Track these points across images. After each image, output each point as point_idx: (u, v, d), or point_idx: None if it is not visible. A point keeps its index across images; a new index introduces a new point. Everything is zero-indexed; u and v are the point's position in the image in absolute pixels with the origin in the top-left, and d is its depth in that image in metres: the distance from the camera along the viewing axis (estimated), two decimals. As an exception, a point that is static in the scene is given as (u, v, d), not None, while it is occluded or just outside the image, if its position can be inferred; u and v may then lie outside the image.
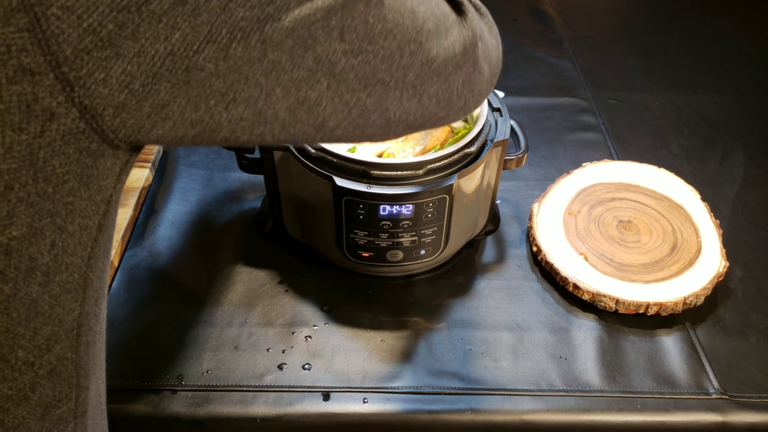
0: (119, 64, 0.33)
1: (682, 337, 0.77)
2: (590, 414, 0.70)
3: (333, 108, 0.41)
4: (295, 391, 0.70)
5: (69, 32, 0.31)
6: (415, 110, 0.46)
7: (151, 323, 0.77)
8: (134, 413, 0.68)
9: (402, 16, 0.42)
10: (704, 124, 1.12)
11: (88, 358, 0.43)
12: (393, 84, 0.43)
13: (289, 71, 0.38)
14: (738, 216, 0.94)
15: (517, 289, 0.82)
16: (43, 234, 0.35)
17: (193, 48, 0.34)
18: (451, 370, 0.73)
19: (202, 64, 0.35)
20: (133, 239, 0.87)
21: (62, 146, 0.34)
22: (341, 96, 0.41)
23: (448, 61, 0.46)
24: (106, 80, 0.33)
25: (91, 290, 0.41)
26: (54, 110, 0.32)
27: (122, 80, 0.33)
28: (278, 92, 0.38)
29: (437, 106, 0.48)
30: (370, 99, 0.42)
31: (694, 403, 0.71)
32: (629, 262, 0.82)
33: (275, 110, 0.39)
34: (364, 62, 0.40)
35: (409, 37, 0.43)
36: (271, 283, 0.82)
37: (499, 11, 1.42)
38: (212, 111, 0.37)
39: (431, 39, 0.45)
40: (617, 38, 1.37)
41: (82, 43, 0.31)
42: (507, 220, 0.91)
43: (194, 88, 0.35)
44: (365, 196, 0.69)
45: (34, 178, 0.33)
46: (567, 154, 1.04)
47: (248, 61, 0.36)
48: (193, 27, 0.34)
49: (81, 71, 0.32)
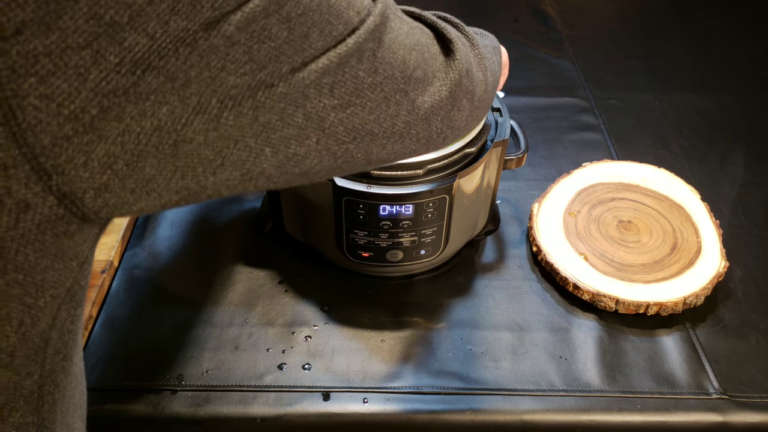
0: (101, 146, 0.30)
1: (682, 337, 0.77)
2: (590, 414, 0.70)
3: (320, 159, 0.40)
4: (295, 391, 0.70)
5: (47, 121, 0.28)
6: (397, 151, 0.46)
7: (151, 323, 0.77)
8: (134, 413, 0.68)
9: (392, 67, 0.42)
10: (704, 124, 1.12)
11: (54, 416, 0.40)
12: (381, 134, 0.43)
13: (279, 130, 0.37)
14: (738, 216, 0.94)
15: (517, 289, 0.82)
16: (10, 317, 0.33)
17: (181, 121, 0.32)
18: (451, 370, 0.73)
19: (190, 137, 0.33)
20: (133, 239, 0.87)
21: (37, 234, 0.31)
22: (329, 149, 0.40)
23: (434, 106, 0.46)
24: (87, 164, 0.30)
25: (51, 346, 0.38)
26: (29, 201, 0.30)
27: (105, 162, 0.31)
28: (267, 152, 0.37)
29: (417, 144, 0.48)
30: (358, 149, 0.42)
31: (694, 403, 0.71)
32: (629, 262, 0.82)
33: (262, 168, 0.38)
34: (352, 115, 0.40)
35: (397, 88, 0.42)
36: (271, 283, 0.82)
37: (500, 11, 1.43)
38: (199, 178, 0.35)
39: (418, 87, 0.44)
40: (617, 38, 1.37)
41: (61, 131, 0.29)
42: (507, 220, 0.91)
43: (181, 159, 0.33)
44: (365, 196, 0.69)
45: (4, 270, 0.31)
46: (567, 154, 1.04)
47: (239, 127, 0.35)
48: (181, 100, 0.32)
49: (59, 158, 0.30)
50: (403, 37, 0.44)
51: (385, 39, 0.41)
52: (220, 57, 0.32)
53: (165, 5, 0.30)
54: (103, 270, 0.80)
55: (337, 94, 0.38)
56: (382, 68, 0.41)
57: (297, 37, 0.35)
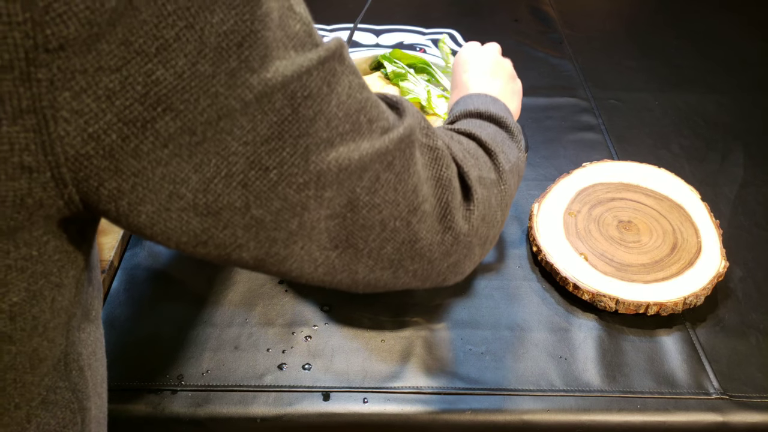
0: (115, 179, 0.32)
1: (682, 337, 0.77)
2: (590, 414, 0.70)
3: (300, 264, 0.40)
4: (295, 391, 0.70)
5: (74, 135, 0.31)
6: (387, 279, 0.45)
7: (151, 323, 0.77)
8: (134, 413, 0.68)
9: (397, 193, 0.41)
10: (704, 124, 1.12)
11: (84, 381, 0.43)
12: (367, 252, 0.42)
13: (270, 231, 0.37)
14: (738, 216, 0.94)
15: (517, 289, 0.82)
16: (43, 294, 0.36)
17: (181, 175, 0.34)
18: (451, 370, 0.73)
19: (183, 193, 0.35)
20: (133, 239, 0.87)
21: (46, 224, 0.34)
22: (311, 254, 0.40)
23: (434, 246, 0.45)
24: (98, 190, 0.33)
25: (74, 321, 0.41)
26: (44, 202, 0.32)
27: (114, 194, 0.33)
28: (251, 246, 0.38)
29: (413, 279, 0.46)
30: (339, 260, 0.41)
31: (694, 403, 0.71)
32: (629, 262, 0.82)
33: (241, 257, 0.38)
34: (339, 226, 0.40)
35: (398, 215, 0.42)
36: (271, 283, 0.82)
37: (500, 11, 1.43)
38: (182, 247, 0.37)
39: (423, 221, 0.43)
40: (617, 38, 1.37)
41: (84, 148, 0.31)
42: (507, 220, 0.91)
43: (174, 219, 0.35)
44: (365, 196, 0.69)
45: (15, 245, 0.33)
46: (567, 154, 1.04)
47: (228, 205, 0.35)
48: (190, 155, 0.33)
49: (78, 174, 0.32)
50: (420, 166, 0.43)
51: (396, 164, 0.41)
52: (233, 121, 0.33)
53: (191, 46, 0.31)
54: (103, 270, 0.80)
55: (330, 204, 0.38)
56: (383, 191, 0.40)
57: (301, 119, 0.36)
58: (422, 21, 1.37)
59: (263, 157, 0.35)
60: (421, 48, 1.28)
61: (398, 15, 1.37)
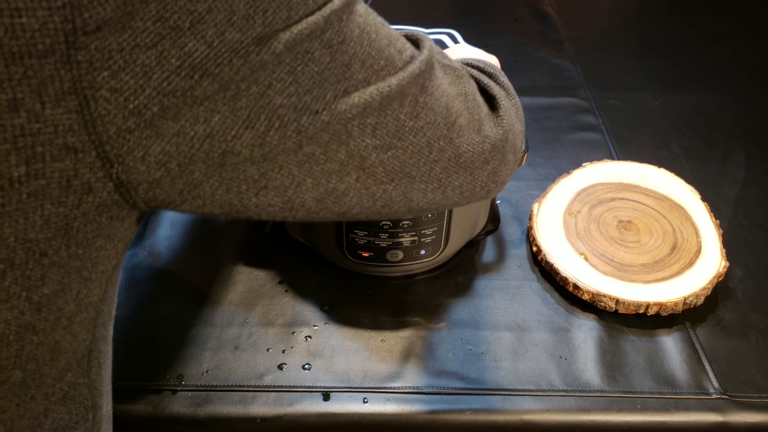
0: (158, 143, 0.33)
1: (682, 337, 0.77)
2: (590, 414, 0.70)
3: (359, 199, 0.42)
4: (295, 391, 0.70)
5: (115, 113, 0.31)
6: (438, 200, 0.47)
7: (151, 323, 0.77)
8: (134, 413, 0.68)
9: (435, 113, 0.43)
10: (704, 124, 1.12)
11: (100, 379, 0.44)
12: (419, 177, 0.44)
13: (322, 163, 0.38)
14: (738, 216, 0.94)
15: (517, 289, 0.82)
16: (71, 287, 0.37)
17: (231, 133, 0.35)
18: (451, 370, 0.73)
19: (238, 149, 0.35)
20: (133, 239, 0.87)
21: (96, 216, 0.34)
22: (368, 188, 0.42)
23: (475, 156, 0.47)
24: (145, 158, 0.33)
25: (101, 318, 0.42)
26: (92, 185, 0.33)
27: (160, 159, 0.34)
28: (308, 182, 0.39)
29: (460, 196, 0.48)
30: (396, 191, 0.43)
31: (694, 403, 0.71)
32: (629, 262, 0.82)
33: (303, 199, 0.40)
34: (393, 157, 0.41)
35: (440, 134, 0.43)
36: (271, 283, 0.82)
37: (500, 11, 1.43)
38: (242, 195, 0.38)
39: (462, 135, 0.45)
40: (617, 38, 1.37)
41: (125, 123, 0.32)
42: (507, 220, 0.91)
43: (228, 171, 0.36)
44: (365, 196, 0.69)
45: (67, 243, 0.34)
46: (567, 154, 1.04)
47: (283, 150, 0.37)
48: (232, 111, 0.34)
49: (122, 149, 0.33)
50: (447, 85, 0.45)
51: (428, 85, 0.42)
52: (267, 74, 0.34)
53: (221, 16, 0.32)
54: (103, 270, 0.80)
55: (379, 134, 0.40)
56: (424, 113, 0.42)
57: (339, 65, 0.37)
58: (422, 21, 1.37)
59: (310, 104, 0.36)
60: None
61: (398, 15, 1.37)
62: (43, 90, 0.30)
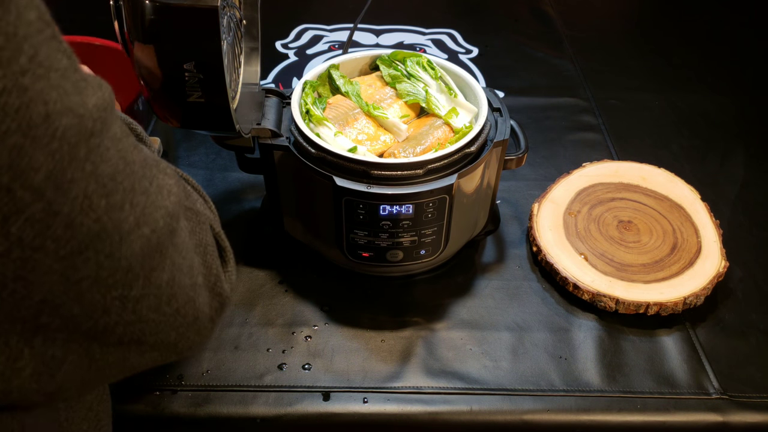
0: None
1: (682, 337, 0.77)
2: (590, 414, 0.70)
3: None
4: (295, 391, 0.70)
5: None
6: (153, 361, 0.44)
7: (151, 323, 0.77)
8: (134, 413, 0.68)
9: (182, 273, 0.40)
10: (704, 124, 1.12)
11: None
12: (150, 344, 0.41)
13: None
14: (738, 216, 0.94)
15: (517, 289, 0.82)
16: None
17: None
18: (451, 370, 0.73)
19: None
20: (133, 239, 0.87)
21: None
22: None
23: (207, 323, 0.44)
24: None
25: None
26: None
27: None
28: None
29: (173, 356, 0.45)
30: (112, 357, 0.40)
31: (694, 403, 0.71)
32: (629, 262, 0.82)
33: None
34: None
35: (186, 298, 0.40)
36: (271, 283, 0.82)
37: (500, 11, 1.43)
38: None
39: (201, 295, 0.42)
40: (617, 38, 1.37)
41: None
42: (507, 220, 0.91)
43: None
44: (365, 196, 0.69)
45: None
46: (567, 154, 1.04)
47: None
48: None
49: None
50: (187, 238, 0.41)
51: (172, 250, 0.39)
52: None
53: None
54: (103, 270, 0.80)
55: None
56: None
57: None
58: (422, 21, 1.37)
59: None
60: (421, 48, 1.28)
61: (398, 15, 1.37)
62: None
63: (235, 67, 0.73)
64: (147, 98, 0.61)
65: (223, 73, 0.58)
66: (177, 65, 0.57)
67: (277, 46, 1.28)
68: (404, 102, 0.80)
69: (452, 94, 0.80)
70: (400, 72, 0.82)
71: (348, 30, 1.27)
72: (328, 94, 0.81)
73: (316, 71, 0.81)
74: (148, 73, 0.59)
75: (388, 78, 0.82)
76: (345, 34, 1.31)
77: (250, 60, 0.79)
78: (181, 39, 0.56)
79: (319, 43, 1.29)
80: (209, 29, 0.56)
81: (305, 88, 0.78)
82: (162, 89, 0.60)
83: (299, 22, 1.35)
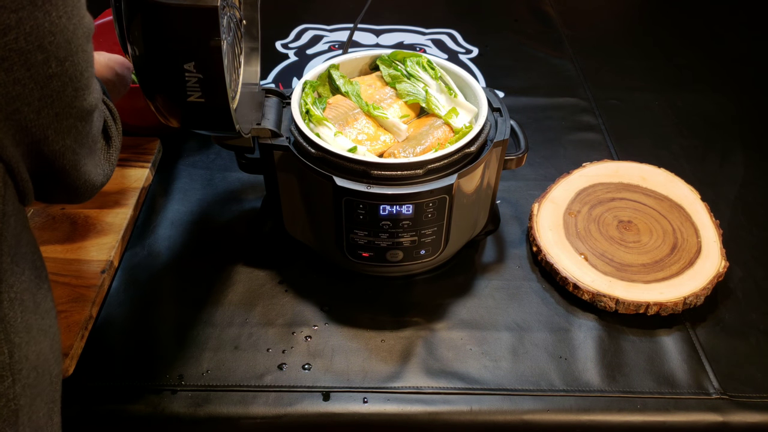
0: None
1: (682, 337, 0.77)
2: (590, 414, 0.70)
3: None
4: (295, 391, 0.70)
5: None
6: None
7: (151, 323, 0.77)
8: (134, 413, 0.68)
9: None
10: (704, 124, 1.12)
11: (15, 315, 0.45)
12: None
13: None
14: (738, 216, 0.94)
15: (517, 289, 0.82)
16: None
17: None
18: (451, 370, 0.73)
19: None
20: (133, 239, 0.87)
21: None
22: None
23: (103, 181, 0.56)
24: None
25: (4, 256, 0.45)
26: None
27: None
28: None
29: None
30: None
31: (694, 403, 0.71)
32: (629, 262, 0.82)
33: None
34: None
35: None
36: (271, 283, 0.82)
37: (500, 11, 1.43)
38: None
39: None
40: (617, 38, 1.37)
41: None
42: (507, 220, 0.91)
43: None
44: (365, 196, 0.69)
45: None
46: (567, 154, 1.04)
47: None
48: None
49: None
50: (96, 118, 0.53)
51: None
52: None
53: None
54: (103, 270, 0.80)
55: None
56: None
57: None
58: (422, 21, 1.37)
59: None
60: (421, 48, 1.28)
61: (398, 15, 1.37)
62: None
63: (235, 67, 0.73)
64: (147, 98, 0.61)
65: (223, 73, 0.58)
66: (177, 65, 0.57)
67: (277, 46, 1.28)
68: (404, 102, 0.80)
69: (452, 94, 0.80)
70: (400, 72, 0.82)
71: (348, 30, 1.27)
72: (328, 94, 0.81)
73: (316, 71, 0.81)
74: (148, 73, 0.59)
75: (388, 78, 0.82)
76: (345, 34, 1.31)
77: (250, 60, 0.79)
78: (181, 39, 0.56)
79: (319, 43, 1.29)
80: (209, 29, 0.56)
81: (305, 88, 0.78)
82: (162, 89, 0.60)
83: (299, 22, 1.35)
